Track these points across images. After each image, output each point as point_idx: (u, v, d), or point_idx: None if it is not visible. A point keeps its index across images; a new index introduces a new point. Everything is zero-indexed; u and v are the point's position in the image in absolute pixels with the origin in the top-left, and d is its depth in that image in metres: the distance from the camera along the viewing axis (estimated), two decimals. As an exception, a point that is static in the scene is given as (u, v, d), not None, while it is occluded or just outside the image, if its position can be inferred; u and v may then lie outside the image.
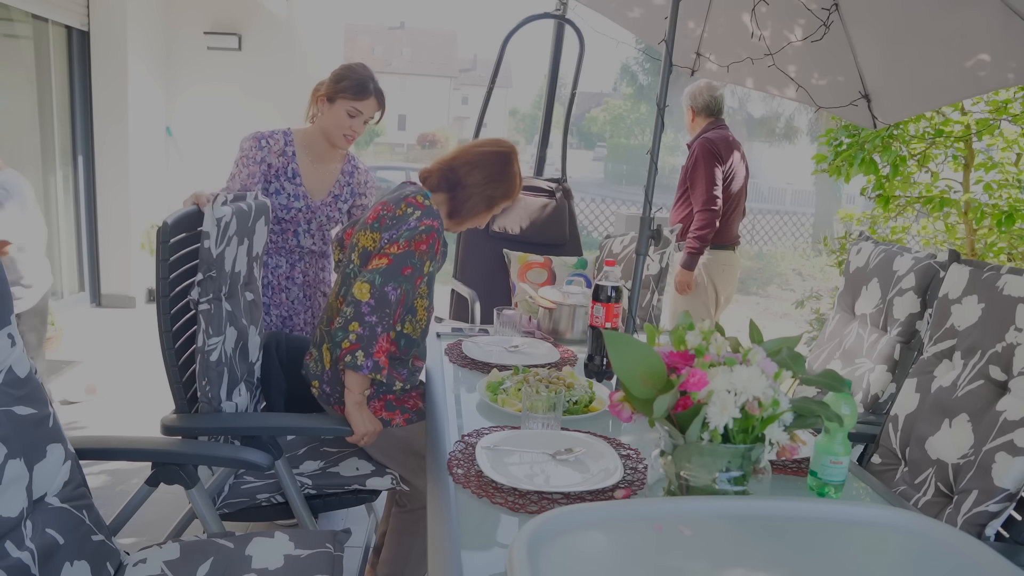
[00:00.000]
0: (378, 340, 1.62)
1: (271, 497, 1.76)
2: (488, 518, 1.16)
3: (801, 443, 1.22)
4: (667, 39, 1.91)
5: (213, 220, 1.61)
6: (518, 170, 1.90)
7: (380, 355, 1.64)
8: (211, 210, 1.62)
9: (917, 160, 3.62)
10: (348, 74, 2.19)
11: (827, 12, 2.34)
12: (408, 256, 1.67)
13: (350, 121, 2.19)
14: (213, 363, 1.67)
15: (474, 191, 1.84)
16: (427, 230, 1.69)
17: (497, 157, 1.86)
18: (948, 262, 1.81)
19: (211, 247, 1.62)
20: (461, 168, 1.84)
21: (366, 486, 1.81)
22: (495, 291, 3.23)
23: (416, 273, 1.69)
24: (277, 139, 2.23)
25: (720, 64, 2.80)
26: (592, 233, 11.23)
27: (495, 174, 1.85)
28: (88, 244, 5.33)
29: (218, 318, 1.68)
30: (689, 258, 3.41)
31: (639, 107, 30.30)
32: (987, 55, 2.16)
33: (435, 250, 1.72)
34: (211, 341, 1.66)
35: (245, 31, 5.74)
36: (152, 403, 3.49)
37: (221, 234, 1.64)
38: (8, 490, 1.11)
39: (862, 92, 2.57)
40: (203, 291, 1.64)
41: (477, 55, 46.40)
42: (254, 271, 1.94)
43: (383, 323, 1.62)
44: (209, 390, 1.68)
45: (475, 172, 1.84)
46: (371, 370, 1.63)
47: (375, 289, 1.61)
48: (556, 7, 3.80)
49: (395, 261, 1.65)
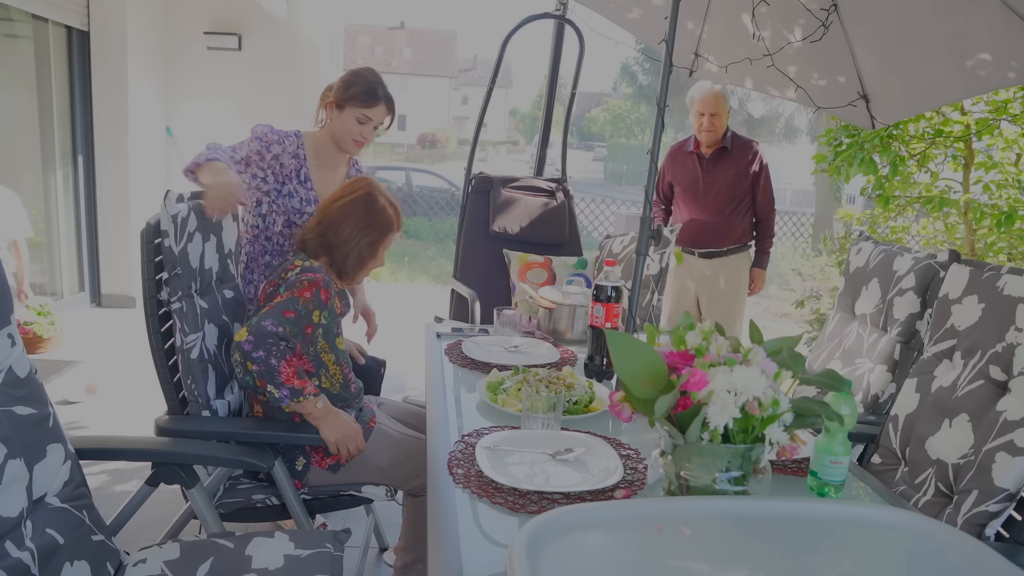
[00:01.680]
0: (279, 371, 1.59)
1: (267, 499, 1.76)
2: (488, 518, 1.16)
3: (801, 443, 1.22)
4: (667, 39, 1.91)
5: (168, 217, 1.60)
6: (384, 202, 1.85)
7: (291, 380, 1.61)
8: (164, 208, 1.60)
9: (917, 160, 3.63)
10: (357, 80, 2.17)
11: (826, 12, 2.34)
12: (291, 302, 1.64)
13: (360, 128, 2.18)
14: (195, 360, 1.66)
15: (351, 245, 1.82)
16: (310, 279, 1.68)
17: (356, 203, 1.83)
18: (948, 262, 1.81)
19: (171, 245, 1.61)
20: (329, 230, 1.81)
21: (361, 492, 1.81)
22: (495, 291, 3.23)
23: (302, 319, 1.65)
24: (291, 140, 2.21)
25: (719, 65, 2.80)
26: (592, 233, 11.23)
27: (362, 219, 1.82)
28: (88, 244, 5.33)
29: (192, 315, 1.67)
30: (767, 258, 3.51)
31: (639, 107, 30.30)
32: (987, 55, 2.16)
33: (322, 299, 1.69)
34: (188, 339, 1.65)
35: (245, 31, 5.74)
36: (152, 403, 3.47)
37: (180, 231, 1.62)
38: (8, 490, 1.11)
39: (860, 93, 2.57)
40: (172, 290, 1.64)
41: (477, 55, 46.44)
42: (229, 268, 1.93)
43: (273, 353, 1.59)
44: (195, 388, 1.67)
45: (343, 227, 1.81)
46: (290, 397, 1.61)
47: (251, 327, 1.59)
48: (556, 7, 3.80)
49: (275, 307, 1.63)
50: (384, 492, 1.82)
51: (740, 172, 3.35)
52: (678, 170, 3.46)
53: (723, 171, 3.35)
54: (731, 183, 3.35)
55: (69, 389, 3.55)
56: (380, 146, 30.35)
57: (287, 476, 1.70)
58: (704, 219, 3.39)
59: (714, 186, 3.36)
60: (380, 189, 1.88)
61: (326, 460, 1.77)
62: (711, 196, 3.37)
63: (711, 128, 3.28)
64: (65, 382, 3.71)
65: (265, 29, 5.74)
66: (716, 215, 3.39)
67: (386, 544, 2.42)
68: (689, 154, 3.41)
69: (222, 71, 5.77)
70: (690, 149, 3.41)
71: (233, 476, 1.80)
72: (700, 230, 3.39)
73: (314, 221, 1.85)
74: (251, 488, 1.77)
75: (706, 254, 3.44)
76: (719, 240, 3.42)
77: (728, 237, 3.41)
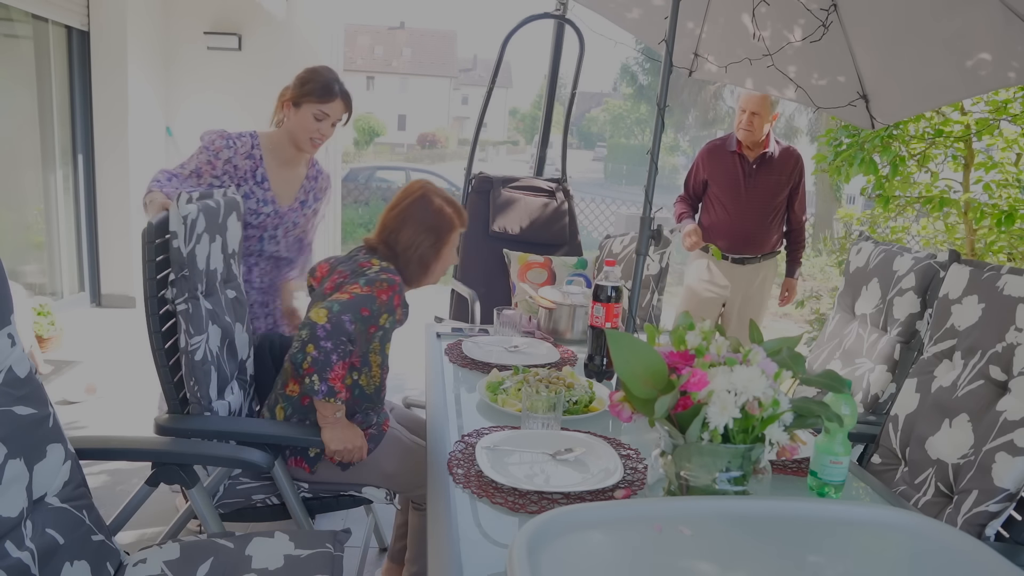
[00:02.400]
0: (333, 367, 1.59)
1: (267, 499, 1.76)
2: (488, 518, 1.16)
3: (801, 443, 1.22)
4: (667, 39, 1.91)
5: (179, 219, 1.60)
6: (440, 202, 1.85)
7: (335, 381, 1.61)
8: (176, 209, 1.60)
9: (917, 160, 3.63)
10: (313, 77, 2.17)
11: (826, 12, 2.34)
12: (369, 299, 1.64)
13: (317, 124, 2.17)
14: (198, 362, 1.66)
15: (413, 250, 1.82)
16: (389, 280, 1.68)
17: (412, 207, 1.83)
18: (948, 262, 1.81)
19: (180, 246, 1.61)
20: (390, 237, 1.82)
21: (361, 493, 1.81)
22: (495, 291, 3.23)
23: (372, 319, 1.65)
24: (245, 141, 2.20)
25: (719, 65, 2.80)
26: (592, 233, 11.22)
27: (420, 222, 1.82)
28: (88, 244, 5.33)
29: (198, 317, 1.67)
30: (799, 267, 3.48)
31: (639, 107, 30.31)
32: (987, 55, 2.16)
33: (394, 305, 1.70)
34: (193, 340, 1.65)
35: (245, 31, 5.74)
36: (152, 403, 3.49)
37: (189, 232, 1.63)
38: (8, 490, 1.11)
39: (860, 93, 2.57)
40: (178, 291, 1.64)
41: (477, 55, 46.46)
42: (232, 268, 1.93)
43: (338, 350, 1.59)
44: (198, 390, 1.67)
45: (403, 234, 1.81)
46: (325, 395, 1.60)
47: (332, 315, 1.58)
48: (556, 7, 3.81)
49: (355, 299, 1.63)
50: (384, 495, 1.82)
51: (783, 180, 3.27)
52: (717, 169, 3.31)
53: (767, 177, 3.24)
54: (774, 190, 3.26)
55: (69, 389, 3.55)
56: (380, 146, 30.35)
57: (287, 476, 1.70)
58: (742, 224, 3.27)
59: (756, 191, 3.24)
60: (434, 190, 1.87)
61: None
62: (753, 202, 3.25)
63: (749, 127, 3.16)
64: (65, 382, 3.71)
65: (265, 29, 5.73)
66: (755, 221, 3.27)
67: (386, 544, 2.41)
68: (731, 154, 3.27)
69: (222, 71, 5.77)
70: (732, 149, 3.26)
71: (233, 476, 1.80)
72: (736, 235, 3.28)
73: (377, 231, 1.85)
74: (251, 488, 1.78)
75: (739, 260, 3.32)
76: (755, 247, 3.31)
77: (765, 244, 3.32)
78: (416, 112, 38.53)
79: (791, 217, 3.38)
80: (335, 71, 2.23)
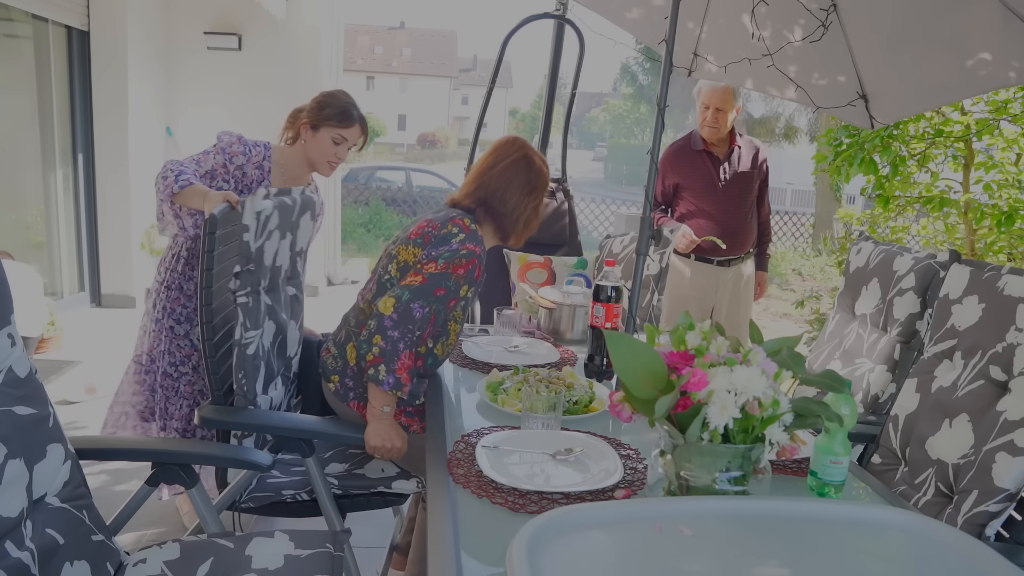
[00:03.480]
0: (400, 356, 1.59)
1: (297, 494, 1.75)
2: (488, 518, 1.16)
3: (801, 443, 1.22)
4: (667, 39, 1.91)
5: (253, 214, 1.62)
6: (540, 162, 1.86)
7: (402, 372, 1.61)
8: (251, 203, 1.62)
9: (917, 160, 3.63)
10: (331, 101, 2.20)
11: (825, 12, 2.34)
12: (444, 277, 1.65)
13: (335, 148, 2.21)
14: (250, 356, 1.67)
15: (519, 211, 1.82)
16: (468, 254, 1.68)
17: (515, 167, 1.82)
18: (948, 262, 1.81)
19: (250, 240, 1.63)
20: (494, 196, 1.80)
21: (391, 488, 1.80)
22: (495, 291, 3.23)
23: (450, 295, 1.67)
24: (259, 151, 2.22)
25: (719, 64, 2.79)
26: (592, 233, 11.23)
27: (525, 183, 1.82)
28: (88, 244, 5.33)
29: (256, 311, 1.68)
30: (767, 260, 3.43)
31: (639, 107, 30.30)
32: (987, 55, 2.16)
33: (474, 275, 1.71)
34: (248, 335, 1.66)
35: (245, 31, 5.74)
36: (152, 403, 3.49)
37: (261, 227, 1.64)
38: (8, 490, 1.11)
39: (860, 92, 2.57)
40: (241, 284, 1.65)
41: (477, 55, 46.46)
42: (297, 265, 1.95)
43: (405, 339, 1.60)
44: (245, 383, 1.68)
45: (510, 194, 1.80)
46: (392, 387, 1.60)
47: (400, 304, 1.59)
48: (556, 7, 3.80)
49: (429, 280, 1.63)
50: (416, 484, 1.81)
51: (754, 173, 3.22)
52: (687, 171, 3.20)
53: (740, 172, 3.18)
54: (749, 184, 3.20)
55: (69, 389, 3.55)
56: (380, 146, 30.35)
57: (320, 472, 1.69)
58: (727, 224, 3.16)
59: (733, 188, 3.16)
60: (533, 149, 1.87)
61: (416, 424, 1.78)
62: (733, 199, 3.16)
63: (715, 123, 3.09)
64: (65, 382, 3.71)
65: (265, 29, 5.73)
66: (738, 219, 3.18)
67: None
68: (699, 153, 3.17)
69: (222, 71, 5.77)
70: (699, 148, 3.17)
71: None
72: (720, 236, 3.13)
73: (471, 186, 1.83)
74: (282, 483, 1.77)
75: (724, 262, 3.22)
76: (740, 246, 3.21)
77: (748, 242, 3.24)
78: (416, 112, 38.52)
79: (759, 211, 3.31)
80: (351, 95, 2.26)
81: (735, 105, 3.13)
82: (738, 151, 3.21)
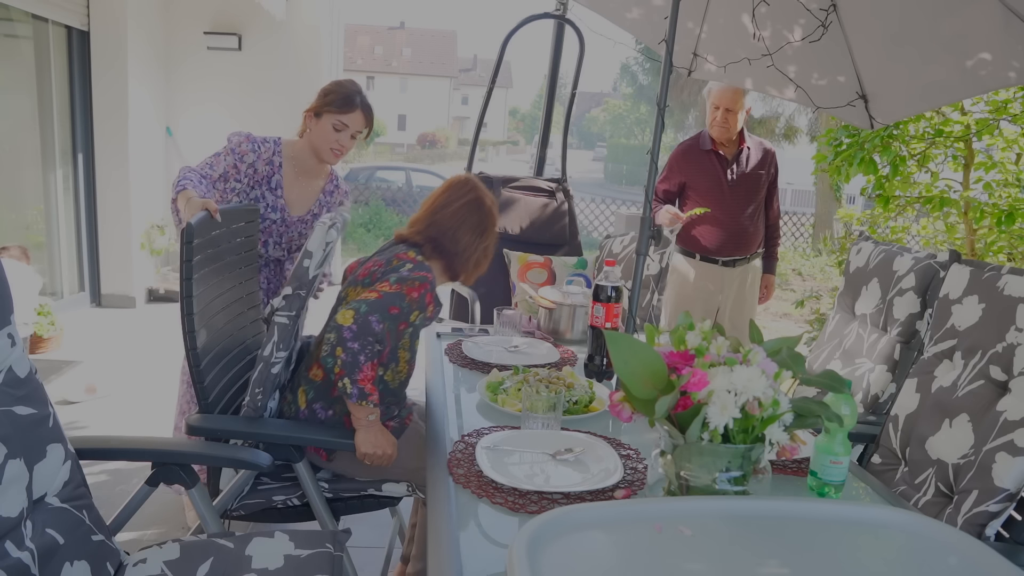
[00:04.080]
0: (361, 368, 1.59)
1: (288, 500, 1.75)
2: (488, 518, 1.16)
3: (801, 443, 1.22)
4: (667, 39, 1.91)
5: (323, 243, 1.63)
6: (490, 202, 1.86)
7: (365, 383, 1.60)
8: (323, 231, 1.63)
9: (917, 160, 3.63)
10: (335, 88, 2.20)
11: (825, 12, 2.34)
12: (397, 297, 1.64)
13: (336, 135, 2.19)
14: (274, 376, 1.69)
15: (471, 251, 1.83)
16: (421, 279, 1.68)
17: (468, 208, 1.83)
18: (948, 262, 1.81)
19: (310, 267, 1.65)
20: (445, 235, 1.81)
21: (382, 491, 1.80)
22: (495, 291, 3.23)
23: (401, 316, 1.65)
24: (268, 146, 2.23)
25: (719, 65, 2.80)
26: (592, 233, 11.23)
27: (478, 224, 1.83)
28: (88, 244, 5.33)
29: (289, 334, 1.69)
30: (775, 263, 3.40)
31: (639, 107, 30.30)
32: (987, 55, 2.16)
33: (426, 302, 1.69)
34: (279, 354, 1.67)
35: (245, 31, 5.74)
36: (153, 403, 3.49)
37: (323, 258, 1.66)
38: (8, 490, 1.11)
39: (859, 92, 2.57)
40: (288, 306, 1.66)
41: (477, 55, 46.47)
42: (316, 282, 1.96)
43: (365, 351, 1.58)
44: (260, 398, 1.69)
45: (462, 234, 1.81)
46: (357, 398, 1.60)
47: (358, 316, 1.58)
48: (556, 7, 3.81)
49: (384, 297, 1.62)
50: (406, 488, 1.81)
51: (763, 175, 3.22)
52: (694, 171, 3.20)
53: (747, 173, 3.18)
54: (756, 186, 3.20)
55: (69, 389, 3.55)
56: (380, 146, 30.35)
57: (311, 475, 1.69)
58: (732, 224, 3.18)
59: (740, 189, 3.16)
60: (483, 190, 1.88)
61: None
62: (739, 200, 3.16)
63: (724, 124, 3.09)
64: (65, 382, 3.71)
65: (265, 29, 5.73)
66: (744, 220, 3.18)
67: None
68: (707, 153, 3.17)
69: (222, 71, 5.77)
70: (707, 148, 3.17)
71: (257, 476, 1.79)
72: (728, 237, 3.18)
73: (421, 224, 1.83)
74: (272, 488, 1.77)
75: (729, 262, 3.23)
76: (746, 247, 3.22)
77: (754, 243, 3.25)
78: (416, 112, 38.52)
79: (768, 213, 3.32)
80: (359, 84, 2.26)
81: (744, 106, 3.13)
82: (747, 152, 3.21)
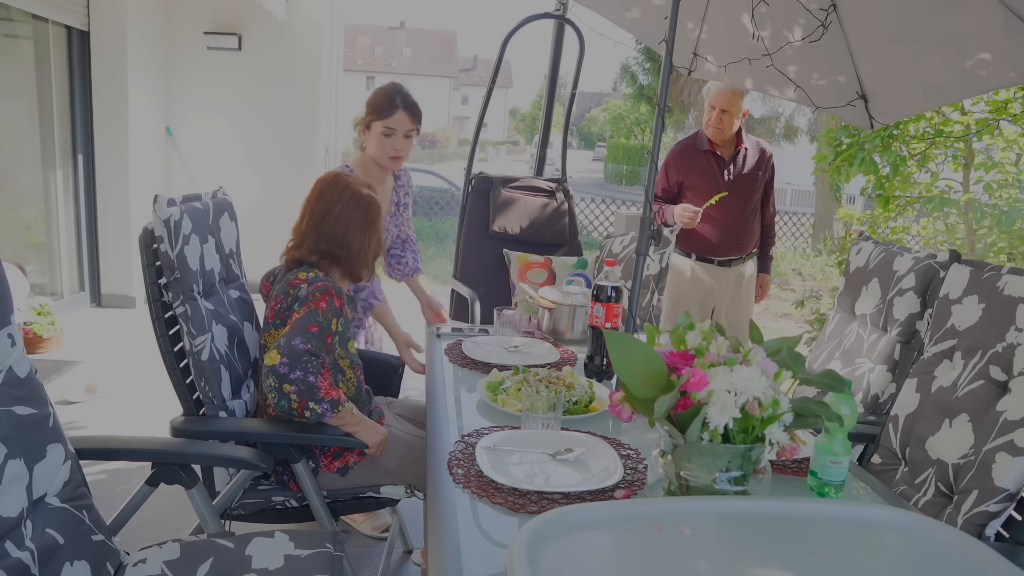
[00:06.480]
0: (317, 387, 1.58)
1: (287, 501, 1.75)
2: (488, 518, 1.16)
3: (801, 443, 1.22)
4: (667, 39, 1.91)
5: (160, 222, 1.60)
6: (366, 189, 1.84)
7: (328, 393, 1.60)
8: (155, 213, 1.60)
9: (917, 160, 3.63)
10: (375, 96, 2.23)
11: (825, 12, 2.34)
12: (310, 315, 1.63)
13: (389, 141, 2.22)
14: (206, 362, 1.67)
15: (365, 249, 1.82)
16: (323, 288, 1.67)
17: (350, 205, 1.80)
18: (948, 262, 1.81)
19: (167, 249, 1.62)
20: (337, 245, 1.79)
21: (380, 493, 1.80)
22: (495, 291, 3.23)
23: (324, 331, 1.64)
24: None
25: (718, 65, 2.80)
26: (592, 233, 11.23)
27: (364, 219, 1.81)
28: (88, 244, 5.33)
29: (198, 317, 1.67)
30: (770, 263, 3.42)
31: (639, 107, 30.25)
32: (987, 55, 2.16)
33: (337, 306, 1.68)
34: (197, 341, 1.66)
35: (245, 31, 5.74)
36: (153, 403, 3.49)
37: (174, 235, 1.63)
38: (8, 490, 1.11)
39: (859, 92, 2.57)
40: (174, 294, 1.64)
41: (477, 55, 46.49)
42: (233, 268, 1.93)
43: (309, 370, 1.57)
44: (209, 390, 1.68)
45: (351, 236, 1.80)
46: (331, 410, 1.60)
47: (283, 349, 1.57)
48: (556, 7, 3.81)
49: (297, 323, 1.62)
50: (404, 490, 1.81)
51: (760, 176, 3.23)
52: (691, 170, 3.21)
53: (744, 173, 3.19)
54: (753, 187, 3.21)
55: (69, 389, 3.55)
56: (380, 146, 30.25)
57: (310, 475, 1.69)
58: (728, 225, 3.19)
59: (737, 190, 3.16)
60: (354, 180, 1.85)
61: (334, 463, 1.76)
62: (736, 201, 3.17)
63: (719, 124, 3.10)
64: (65, 382, 3.71)
65: (265, 29, 5.73)
66: (740, 220, 3.20)
67: (411, 546, 2.39)
68: (704, 153, 3.18)
69: (222, 71, 5.77)
70: (704, 148, 3.18)
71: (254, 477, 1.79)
72: (724, 237, 3.19)
73: (310, 239, 1.80)
74: (271, 490, 1.77)
75: (725, 262, 3.26)
76: (742, 247, 3.25)
77: (750, 243, 3.27)
78: (416, 112, 38.47)
79: (764, 213, 3.32)
80: (400, 84, 2.27)
81: (742, 108, 3.14)
82: (744, 152, 3.21)
